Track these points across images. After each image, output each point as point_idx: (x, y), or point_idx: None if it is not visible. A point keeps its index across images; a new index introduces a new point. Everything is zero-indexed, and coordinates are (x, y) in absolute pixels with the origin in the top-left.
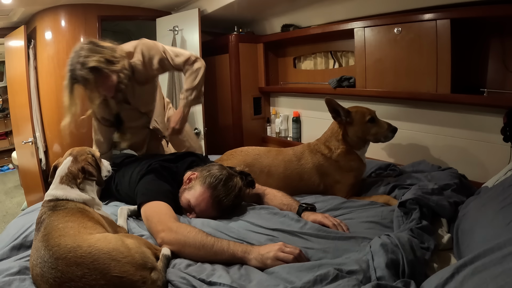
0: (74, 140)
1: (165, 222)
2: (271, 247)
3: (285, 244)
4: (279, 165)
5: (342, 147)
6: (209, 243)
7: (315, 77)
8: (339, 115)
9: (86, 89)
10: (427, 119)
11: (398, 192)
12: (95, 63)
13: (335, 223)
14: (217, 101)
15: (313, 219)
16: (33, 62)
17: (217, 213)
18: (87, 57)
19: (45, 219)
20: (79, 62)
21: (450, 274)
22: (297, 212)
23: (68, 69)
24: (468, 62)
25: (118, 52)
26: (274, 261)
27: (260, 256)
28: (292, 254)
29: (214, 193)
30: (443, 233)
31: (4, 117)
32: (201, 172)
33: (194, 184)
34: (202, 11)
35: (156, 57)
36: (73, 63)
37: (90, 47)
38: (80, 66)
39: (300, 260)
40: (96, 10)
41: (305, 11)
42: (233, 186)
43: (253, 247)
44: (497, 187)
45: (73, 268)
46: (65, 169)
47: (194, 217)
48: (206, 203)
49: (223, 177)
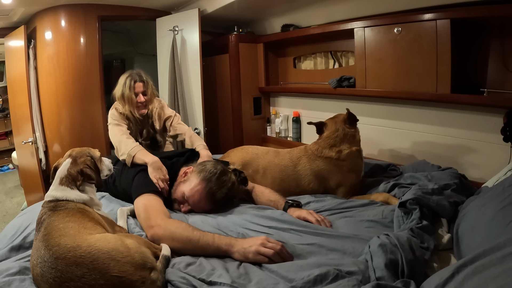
0: (74, 140)
1: (155, 217)
2: (254, 241)
3: (267, 239)
4: (274, 169)
5: (355, 148)
6: (195, 237)
7: (315, 77)
8: (356, 119)
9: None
10: (427, 119)
11: (398, 191)
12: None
13: (319, 219)
14: (217, 101)
15: (297, 215)
16: (33, 62)
17: (209, 205)
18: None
19: (45, 219)
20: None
21: (450, 274)
22: (283, 208)
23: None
24: (468, 62)
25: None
26: (255, 255)
27: (243, 249)
28: (273, 249)
29: (207, 186)
30: (443, 233)
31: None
32: (197, 167)
33: (190, 177)
34: (202, 11)
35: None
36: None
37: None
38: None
39: (282, 255)
40: (96, 10)
41: (305, 11)
42: (226, 180)
43: (237, 240)
44: (497, 187)
45: (73, 268)
46: (64, 170)
47: (188, 209)
48: (199, 195)
49: (217, 171)
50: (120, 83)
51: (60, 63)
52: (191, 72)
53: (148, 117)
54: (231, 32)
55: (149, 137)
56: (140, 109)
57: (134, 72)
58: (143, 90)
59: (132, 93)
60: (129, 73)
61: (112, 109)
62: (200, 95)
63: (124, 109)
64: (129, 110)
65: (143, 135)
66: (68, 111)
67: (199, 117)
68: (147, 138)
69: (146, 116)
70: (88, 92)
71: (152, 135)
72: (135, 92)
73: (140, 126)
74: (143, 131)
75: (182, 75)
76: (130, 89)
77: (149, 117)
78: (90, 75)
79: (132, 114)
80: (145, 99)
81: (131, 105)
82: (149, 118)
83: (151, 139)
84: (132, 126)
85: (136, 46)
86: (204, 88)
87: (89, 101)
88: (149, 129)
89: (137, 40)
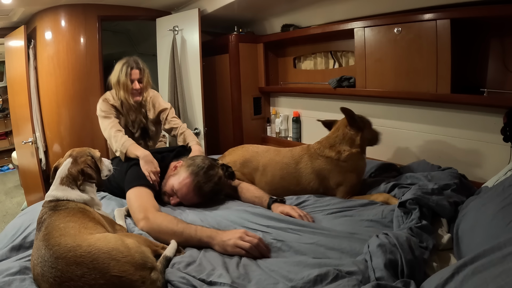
0: (74, 140)
1: (144, 211)
2: (233, 234)
3: (246, 232)
4: (275, 166)
5: (355, 150)
6: (179, 230)
7: (315, 77)
8: (355, 122)
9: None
10: (427, 119)
11: (398, 191)
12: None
13: (301, 214)
14: (217, 101)
15: (281, 210)
16: (33, 62)
17: (197, 198)
18: None
19: (46, 219)
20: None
21: (450, 274)
22: (268, 203)
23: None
24: (468, 62)
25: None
26: (233, 248)
27: (222, 242)
28: (250, 243)
29: (195, 179)
30: (443, 233)
31: (4, 117)
32: (186, 161)
33: (179, 171)
34: (202, 11)
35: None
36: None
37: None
38: None
39: (259, 248)
40: (96, 10)
41: (305, 11)
42: (214, 175)
43: (217, 233)
44: (497, 187)
45: (73, 267)
46: (65, 170)
47: (177, 202)
48: (187, 188)
49: (205, 165)
50: (116, 69)
51: (60, 63)
52: (191, 72)
53: (141, 106)
54: (231, 32)
55: (140, 127)
56: (134, 96)
57: (131, 59)
58: (139, 77)
59: (128, 79)
60: (126, 60)
61: (101, 100)
62: (200, 95)
63: (118, 96)
64: (124, 96)
65: (135, 124)
66: (68, 111)
67: (199, 117)
68: (138, 128)
69: (140, 104)
70: (88, 92)
71: (144, 125)
72: (131, 79)
73: (133, 114)
74: (135, 120)
75: (182, 75)
76: (126, 75)
77: (142, 106)
78: (90, 75)
79: (126, 101)
80: (141, 87)
81: (126, 92)
82: (141, 108)
83: (142, 129)
84: (122, 116)
85: (136, 46)
86: (204, 88)
87: (89, 101)
88: (141, 118)
89: (137, 40)
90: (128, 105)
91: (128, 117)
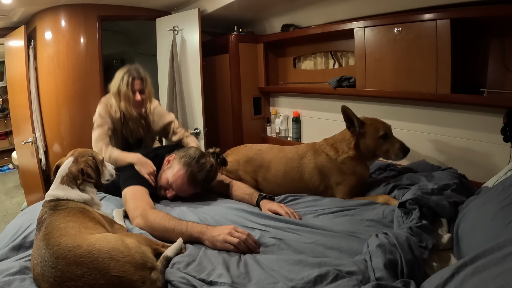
0: (74, 140)
1: (138, 209)
2: (223, 230)
3: (236, 228)
4: (279, 162)
5: (351, 153)
6: (170, 227)
7: (315, 77)
8: (353, 125)
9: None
10: (427, 119)
11: (398, 192)
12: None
13: (288, 212)
14: (217, 101)
15: (269, 207)
16: (33, 62)
17: (192, 188)
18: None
19: (46, 219)
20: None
21: (450, 274)
22: (257, 200)
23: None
24: (468, 62)
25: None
26: (222, 243)
27: (212, 237)
28: (239, 239)
29: (188, 169)
30: (443, 233)
31: (4, 117)
32: (178, 154)
33: (172, 164)
34: (202, 11)
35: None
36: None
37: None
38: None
39: (247, 244)
40: (96, 10)
41: (305, 11)
42: (206, 163)
43: (208, 229)
44: (497, 187)
45: (73, 267)
46: (65, 169)
47: (173, 195)
48: (182, 179)
49: (196, 155)
50: (117, 78)
51: (60, 63)
52: (191, 72)
53: (141, 117)
54: (231, 32)
55: (137, 138)
56: (136, 108)
57: (132, 67)
58: (141, 88)
59: (129, 90)
60: (127, 69)
61: (103, 103)
62: (200, 95)
63: (118, 106)
64: (125, 107)
65: (133, 134)
66: (68, 111)
67: (199, 117)
68: (135, 139)
69: (141, 115)
70: (88, 92)
71: (141, 137)
72: (133, 90)
73: (133, 125)
74: (133, 130)
75: (182, 75)
76: (128, 86)
77: (143, 117)
78: (90, 75)
79: (128, 112)
80: (142, 98)
81: (127, 103)
82: (141, 119)
83: (138, 140)
84: (122, 125)
85: (136, 46)
86: (204, 88)
87: (89, 101)
88: (140, 129)
89: (137, 40)
90: (129, 115)
91: (128, 128)
